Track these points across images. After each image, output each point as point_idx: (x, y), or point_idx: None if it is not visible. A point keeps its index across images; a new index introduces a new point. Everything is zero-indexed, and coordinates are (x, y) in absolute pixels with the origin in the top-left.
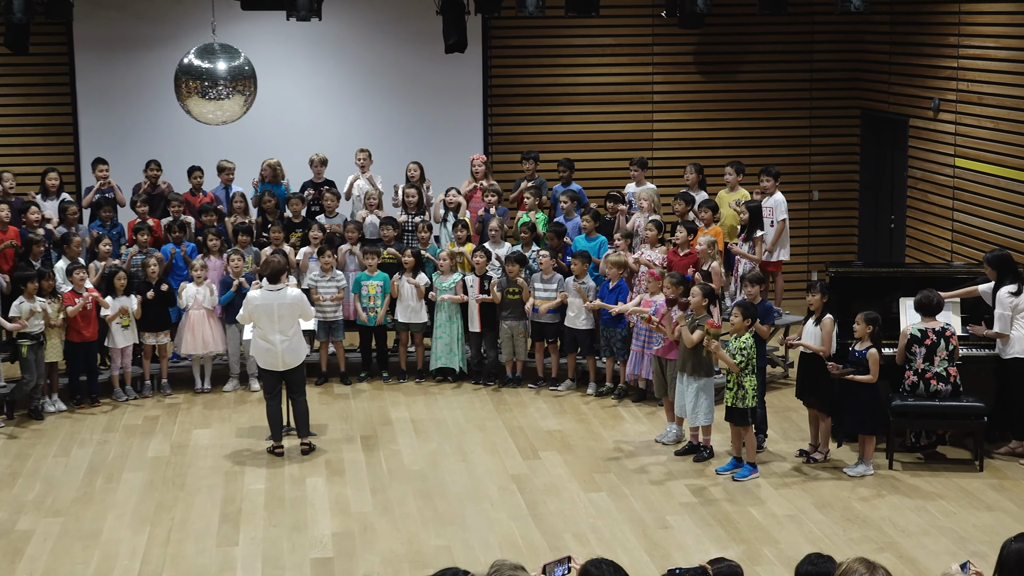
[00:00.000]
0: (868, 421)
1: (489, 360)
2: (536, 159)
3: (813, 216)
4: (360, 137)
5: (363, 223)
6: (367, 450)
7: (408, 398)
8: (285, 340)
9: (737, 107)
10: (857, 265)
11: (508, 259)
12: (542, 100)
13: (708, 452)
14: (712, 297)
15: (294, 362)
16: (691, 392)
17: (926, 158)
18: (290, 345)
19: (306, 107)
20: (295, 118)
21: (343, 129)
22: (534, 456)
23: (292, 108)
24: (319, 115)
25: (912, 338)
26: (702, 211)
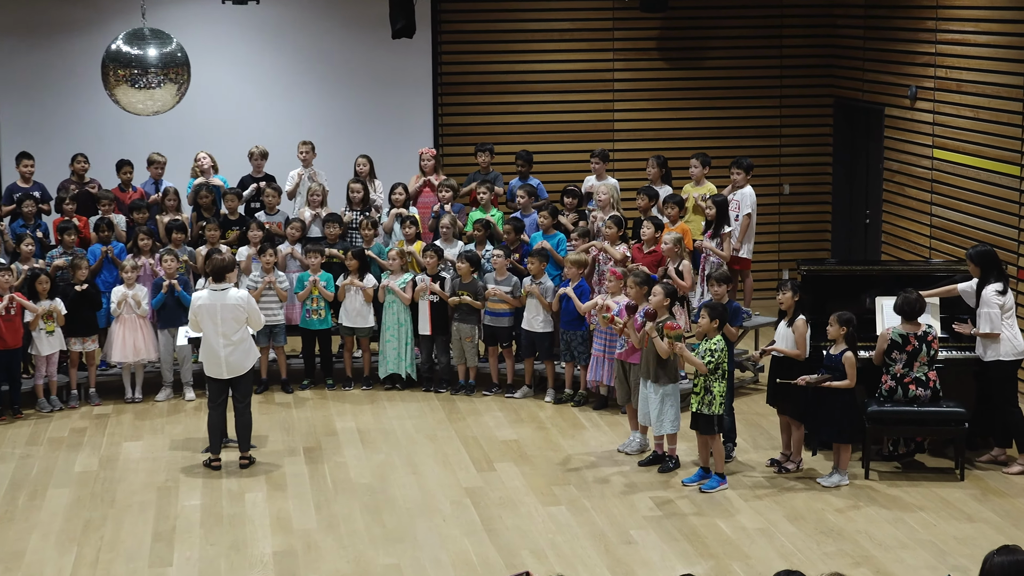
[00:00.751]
0: (844, 429)
1: (440, 366)
2: (491, 152)
3: (784, 211)
4: (302, 129)
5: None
6: (310, 462)
7: (354, 407)
8: (229, 346)
9: (703, 96)
10: (830, 263)
11: (460, 258)
12: (496, 89)
13: (674, 462)
14: (674, 297)
15: (239, 370)
16: (656, 399)
17: (903, 149)
18: (235, 351)
19: (244, 97)
20: (232, 109)
21: (284, 120)
22: (489, 468)
23: (229, 98)
24: (258, 105)
25: (893, 343)
26: (668, 207)
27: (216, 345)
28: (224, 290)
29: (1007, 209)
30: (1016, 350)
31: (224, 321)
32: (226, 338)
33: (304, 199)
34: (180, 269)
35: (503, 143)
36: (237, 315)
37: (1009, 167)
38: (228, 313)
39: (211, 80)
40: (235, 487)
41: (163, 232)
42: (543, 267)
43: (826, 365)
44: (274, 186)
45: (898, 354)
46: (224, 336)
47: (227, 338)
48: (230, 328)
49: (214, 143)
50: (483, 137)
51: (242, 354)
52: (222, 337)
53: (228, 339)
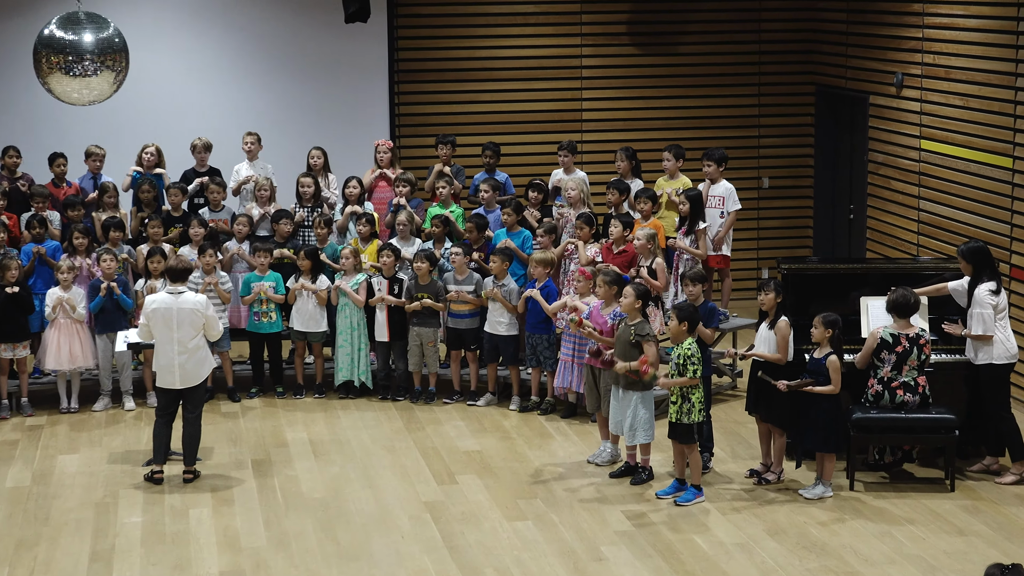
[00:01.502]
0: (828, 437)
1: (398, 372)
2: (452, 144)
3: (763, 206)
4: (248, 119)
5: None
6: (259, 476)
7: (306, 416)
8: (184, 353)
9: (677, 84)
10: (812, 261)
11: (417, 257)
12: (456, 76)
13: (647, 474)
14: (647, 298)
15: (193, 380)
16: (628, 406)
17: (889, 140)
18: (190, 360)
19: (186, 85)
20: (173, 98)
21: (229, 110)
22: (450, 481)
23: (170, 86)
24: (201, 94)
25: (883, 343)
26: (640, 202)
27: (170, 353)
28: (182, 293)
29: (999, 203)
30: (1009, 353)
31: (181, 327)
32: (182, 345)
33: (251, 195)
34: (119, 269)
35: (464, 134)
36: (195, 320)
37: (1001, 159)
38: (185, 318)
39: (151, 67)
40: (178, 503)
41: (100, 230)
42: (506, 267)
43: (809, 369)
44: (218, 181)
45: (887, 354)
46: (180, 343)
47: (183, 345)
48: (187, 334)
49: (154, 135)
50: (442, 128)
51: (197, 363)
52: (177, 344)
53: (184, 346)
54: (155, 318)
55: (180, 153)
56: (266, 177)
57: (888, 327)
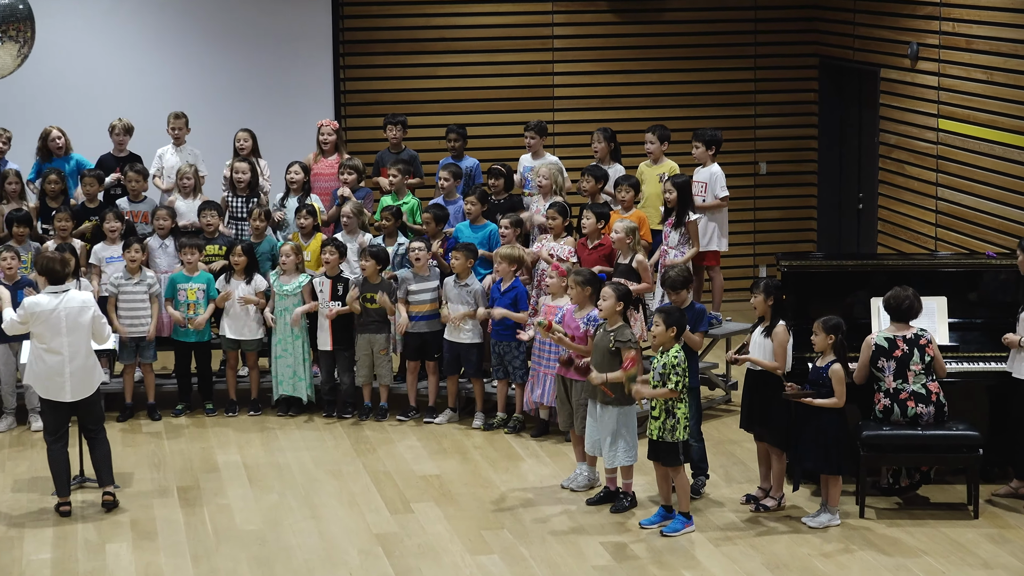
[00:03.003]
0: (833, 457)
1: (345, 386)
2: (403, 124)
3: (760, 195)
4: (174, 99)
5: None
6: (186, 505)
7: (240, 436)
8: (76, 360)
9: (661, 56)
10: (816, 257)
11: (363, 254)
12: (409, 48)
13: (629, 500)
14: (628, 301)
15: (86, 391)
16: (606, 423)
17: (902, 119)
18: (83, 367)
19: (102, 59)
20: (88, 74)
21: (152, 88)
22: (405, 509)
23: (84, 60)
24: (120, 70)
25: (877, 349)
26: (620, 190)
27: (58, 361)
28: (65, 292)
29: None
30: None
31: (71, 330)
32: (73, 350)
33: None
34: (24, 269)
35: (418, 114)
36: (85, 321)
37: None
38: (75, 319)
39: (62, 38)
40: (93, 536)
41: (2, 224)
42: (470, 265)
43: (811, 380)
44: (139, 168)
45: (885, 362)
46: (70, 348)
47: (74, 351)
48: (79, 338)
49: (66, 116)
50: (394, 107)
51: (89, 371)
52: (67, 350)
53: (76, 352)
54: (38, 321)
55: (96, 137)
56: (190, 164)
57: (882, 331)
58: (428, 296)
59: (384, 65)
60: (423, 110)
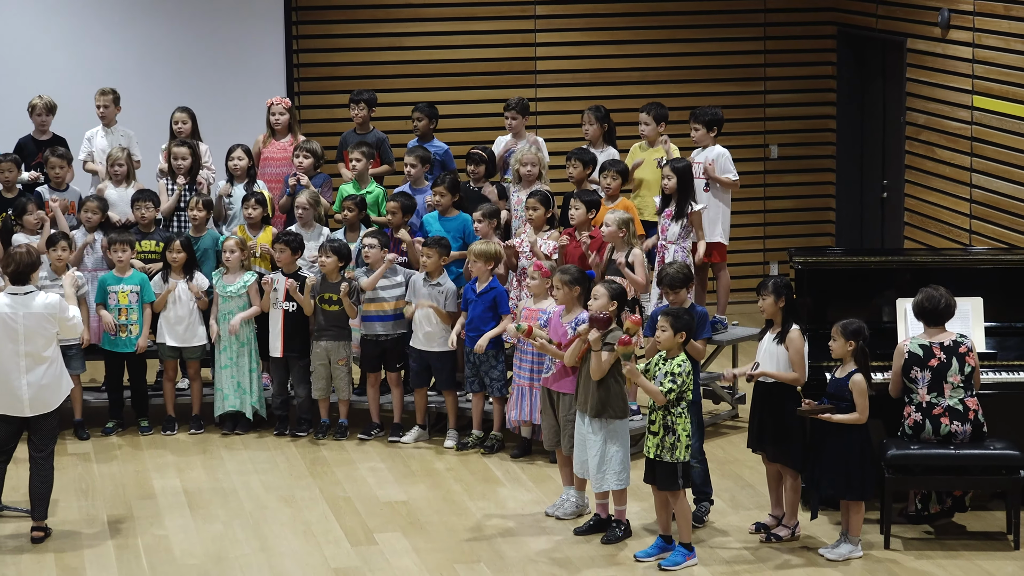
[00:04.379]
0: (854, 480)
1: (299, 400)
2: (370, 103)
3: (771, 182)
4: (102, 74)
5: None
6: (118, 536)
7: (180, 458)
8: (36, 371)
9: (658, 24)
10: (835, 252)
11: (322, 249)
12: (372, 16)
13: (623, 529)
14: (623, 300)
15: (45, 406)
16: (597, 441)
17: (932, 96)
18: (44, 378)
19: (22, 27)
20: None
21: (78, 62)
22: (368, 541)
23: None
24: (43, 40)
25: (911, 357)
26: (604, 176)
27: (15, 371)
28: (28, 294)
29: None
30: None
31: (30, 337)
32: (32, 360)
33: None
34: None
35: (383, 90)
36: (47, 329)
37: None
38: (35, 325)
39: None
40: (12, 572)
41: None
42: (442, 263)
43: (829, 393)
44: (61, 152)
45: (918, 372)
46: (29, 358)
47: (34, 360)
48: (38, 346)
49: None
50: (354, 83)
51: (51, 382)
52: (25, 359)
53: (35, 362)
54: None
55: (13, 116)
56: (122, 147)
57: (916, 337)
58: (393, 294)
59: (343, 35)
60: (387, 86)
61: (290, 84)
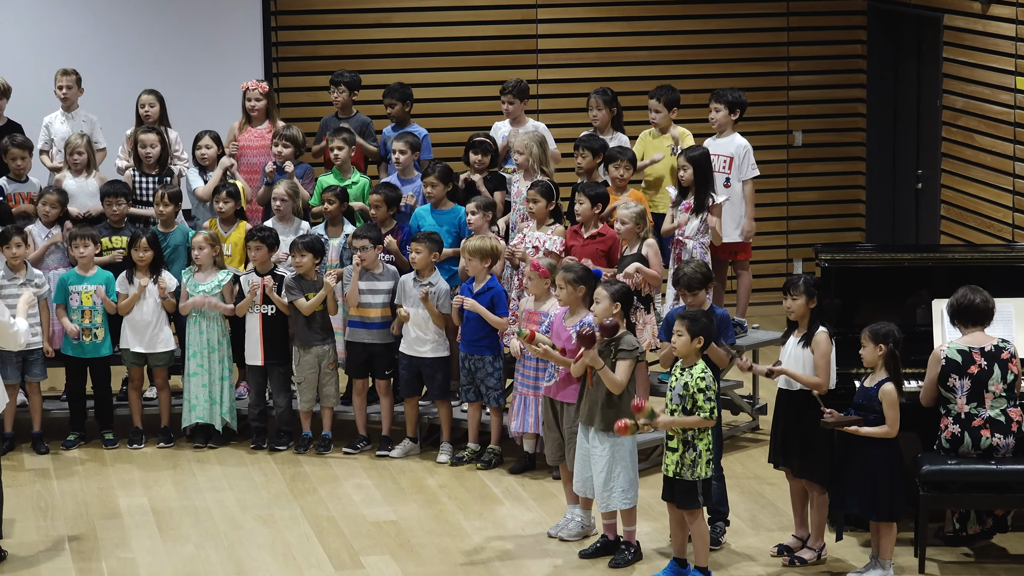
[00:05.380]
0: (883, 498)
1: (279, 410)
2: (352, 85)
3: (794, 172)
4: (63, 53)
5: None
6: (80, 559)
7: (147, 474)
8: None
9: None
10: (865, 249)
11: (294, 248)
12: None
13: (632, 552)
14: (628, 301)
15: None
16: (602, 457)
17: (972, 78)
18: None
19: None
20: None
21: (36, 41)
22: (354, 564)
23: None
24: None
25: (948, 364)
26: (614, 166)
27: None
28: None
29: None
30: None
31: None
32: None
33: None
34: None
35: (370, 71)
36: None
37: None
38: None
39: None
40: None
41: None
42: (434, 259)
43: (857, 402)
44: (20, 140)
45: (956, 380)
46: None
47: None
48: None
49: None
50: (339, 63)
51: None
52: None
53: None
54: None
55: None
56: (82, 134)
57: (954, 342)
58: (379, 299)
59: (325, 10)
60: (374, 67)
61: (268, 65)
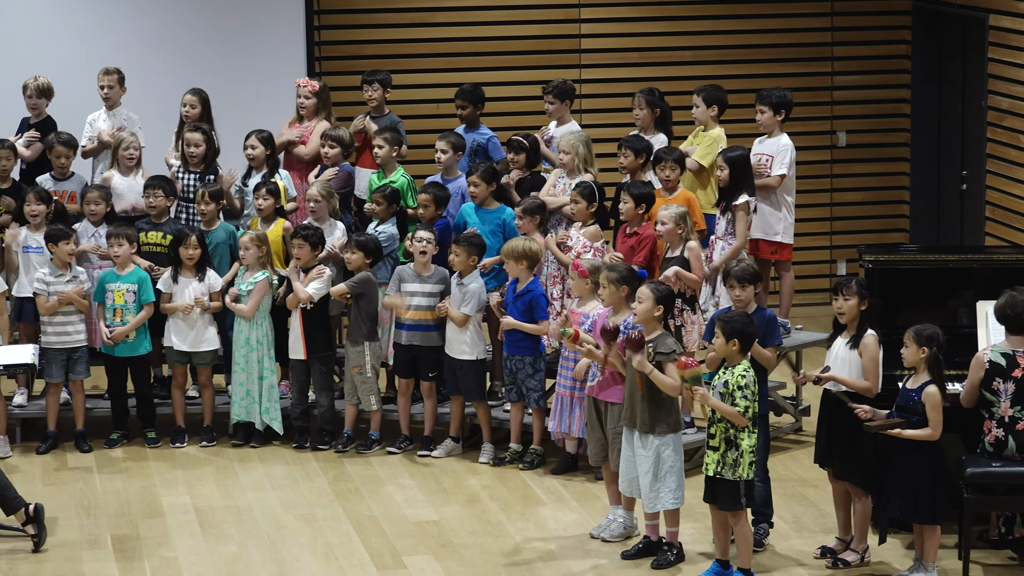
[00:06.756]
0: (926, 501)
1: (321, 409)
2: (385, 83)
3: (838, 172)
4: (108, 53)
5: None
6: (123, 559)
7: (190, 473)
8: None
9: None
10: (909, 250)
11: (349, 245)
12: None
13: (675, 553)
14: (670, 303)
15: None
16: (648, 457)
17: (1017, 78)
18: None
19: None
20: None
21: (78, 38)
22: (396, 564)
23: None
24: (37, 14)
25: (992, 368)
26: (662, 167)
27: None
28: None
29: None
30: None
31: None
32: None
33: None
34: None
35: (412, 70)
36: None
37: None
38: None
39: None
40: None
41: None
42: (473, 262)
43: (899, 405)
44: (65, 138)
45: (1001, 383)
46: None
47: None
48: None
49: None
50: (382, 63)
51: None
52: None
53: None
54: None
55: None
56: (132, 132)
57: (998, 345)
58: (425, 301)
59: (368, 10)
60: (417, 66)
61: (310, 64)
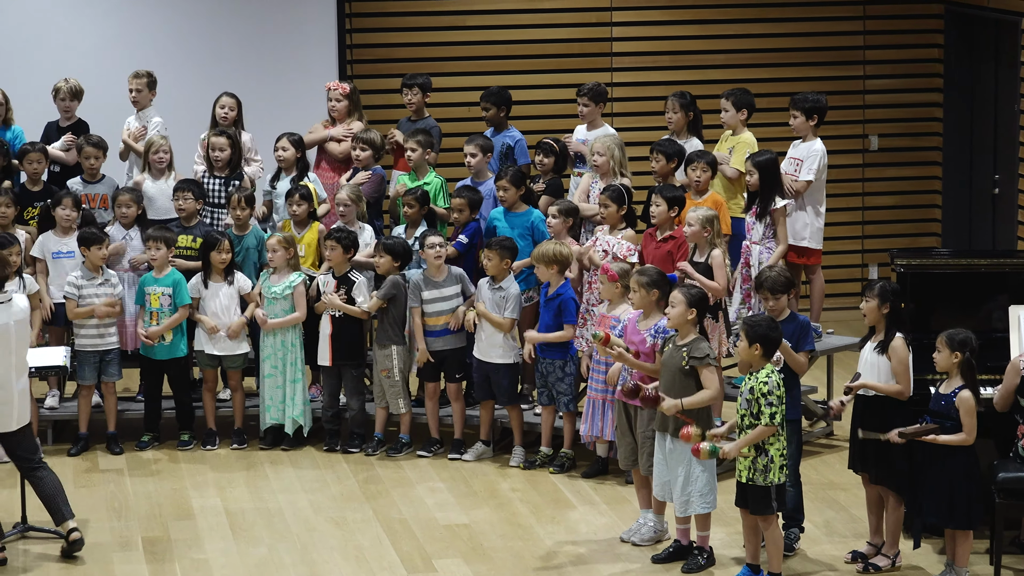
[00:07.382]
0: (959, 506)
1: (352, 412)
2: (425, 87)
3: (870, 176)
4: (135, 55)
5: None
6: (154, 561)
7: (221, 476)
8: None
9: (747, 4)
10: (941, 254)
11: (377, 248)
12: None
13: (706, 557)
14: (703, 307)
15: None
16: (679, 462)
17: None
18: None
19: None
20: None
21: (107, 41)
22: (426, 568)
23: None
24: (68, 19)
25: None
26: (695, 168)
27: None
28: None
29: None
30: None
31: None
32: (20, 369)
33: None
34: None
35: (444, 73)
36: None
37: None
38: (24, 332)
39: None
40: None
41: None
42: (506, 266)
43: (932, 410)
44: (96, 140)
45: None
46: (17, 370)
47: (21, 368)
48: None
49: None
50: (414, 66)
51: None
52: (16, 371)
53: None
54: None
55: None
56: (162, 136)
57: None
58: (445, 307)
59: (400, 13)
60: (449, 69)
61: (342, 67)
